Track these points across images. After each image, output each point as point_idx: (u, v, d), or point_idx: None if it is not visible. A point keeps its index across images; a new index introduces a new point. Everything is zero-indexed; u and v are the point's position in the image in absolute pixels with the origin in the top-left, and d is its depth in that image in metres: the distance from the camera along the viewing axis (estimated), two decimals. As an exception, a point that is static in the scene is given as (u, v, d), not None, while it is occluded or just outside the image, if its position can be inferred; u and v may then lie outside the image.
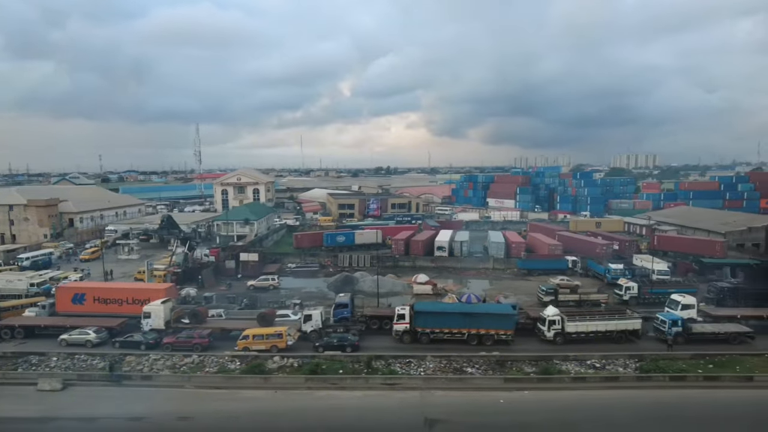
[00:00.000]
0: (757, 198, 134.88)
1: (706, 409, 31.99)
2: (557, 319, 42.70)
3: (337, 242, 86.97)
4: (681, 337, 42.49)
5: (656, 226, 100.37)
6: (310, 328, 43.02)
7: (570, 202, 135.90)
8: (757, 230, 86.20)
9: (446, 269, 75.02)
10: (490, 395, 34.14)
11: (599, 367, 38.24)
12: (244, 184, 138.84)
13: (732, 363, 38.54)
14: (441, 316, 42.48)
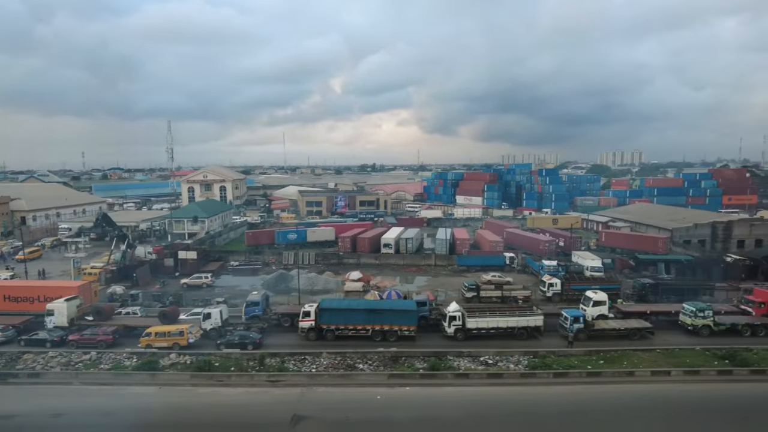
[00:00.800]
0: (719, 195, 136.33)
1: (576, 405, 32.25)
2: (458, 315, 43.00)
3: (289, 240, 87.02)
4: (583, 333, 42.92)
5: (611, 222, 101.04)
6: (210, 326, 43.12)
7: (535, 199, 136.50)
8: (703, 227, 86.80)
9: (389, 266, 75.26)
10: (371, 391, 34.36)
11: (491, 363, 38.60)
12: (210, 181, 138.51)
13: (622, 358, 38.97)
14: (345, 313, 42.69)
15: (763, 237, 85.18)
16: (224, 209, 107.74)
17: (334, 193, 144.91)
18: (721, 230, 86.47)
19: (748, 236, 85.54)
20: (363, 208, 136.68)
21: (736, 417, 30.55)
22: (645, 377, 35.92)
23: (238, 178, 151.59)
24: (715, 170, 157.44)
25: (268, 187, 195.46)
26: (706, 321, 43.28)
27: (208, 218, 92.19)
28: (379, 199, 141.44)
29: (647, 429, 29.51)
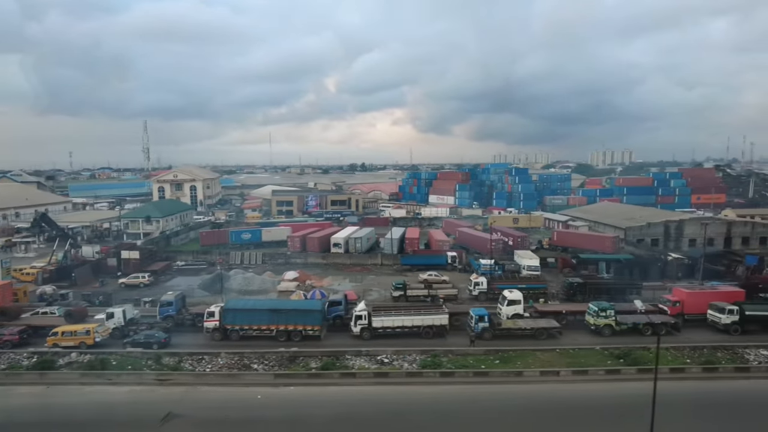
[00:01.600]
0: (688, 194, 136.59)
1: (451, 404, 32.28)
2: (363, 314, 43.07)
3: (243, 240, 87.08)
4: (488, 332, 42.99)
5: (571, 222, 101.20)
6: (113, 326, 43.15)
7: (505, 199, 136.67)
8: (656, 226, 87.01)
9: (336, 266, 75.31)
10: (254, 391, 34.47)
11: (388, 362, 38.69)
12: (180, 181, 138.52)
13: (518, 358, 39.07)
14: (249, 313, 42.76)
15: (715, 236, 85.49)
16: (183, 209, 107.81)
17: (306, 193, 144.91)
18: (674, 229, 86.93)
19: (699, 235, 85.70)
20: (334, 207, 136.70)
21: (611, 415, 30.64)
22: (534, 377, 36.01)
23: (210, 178, 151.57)
24: (685, 169, 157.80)
25: (247, 187, 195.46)
26: (607, 321, 43.37)
27: (162, 218, 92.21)
28: (350, 198, 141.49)
29: (512, 428, 29.61)
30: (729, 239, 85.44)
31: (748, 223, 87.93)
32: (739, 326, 43.18)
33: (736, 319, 43.17)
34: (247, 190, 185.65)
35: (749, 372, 36.43)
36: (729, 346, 40.78)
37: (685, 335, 44.02)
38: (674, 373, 36.33)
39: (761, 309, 43.67)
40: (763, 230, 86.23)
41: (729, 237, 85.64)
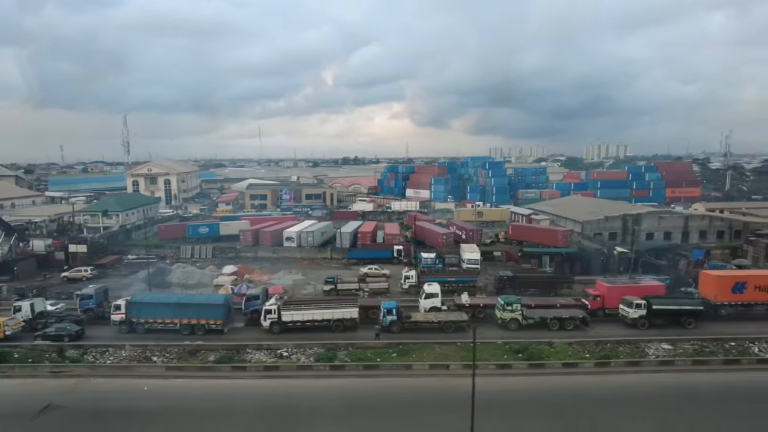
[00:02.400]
0: (663, 187, 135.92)
1: (291, 398, 32.41)
2: (273, 309, 43.25)
3: (200, 233, 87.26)
4: (396, 325, 43.11)
5: (533, 215, 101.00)
6: (21, 318, 43.50)
7: (479, 192, 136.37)
8: (613, 219, 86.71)
9: (286, 260, 75.48)
10: (144, 383, 34.80)
11: (287, 356, 38.96)
12: (155, 174, 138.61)
13: (417, 351, 39.21)
14: (154, 307, 43.08)
15: (672, 230, 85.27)
16: (147, 202, 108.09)
17: (280, 187, 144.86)
18: (631, 223, 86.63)
19: (657, 228, 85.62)
20: (309, 201, 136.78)
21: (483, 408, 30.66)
22: (423, 370, 36.22)
23: (186, 171, 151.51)
24: (661, 163, 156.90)
25: (229, 181, 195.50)
26: (513, 315, 43.41)
27: (122, 212, 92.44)
28: (325, 192, 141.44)
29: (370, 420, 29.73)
30: (686, 233, 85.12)
31: (705, 216, 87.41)
32: (647, 320, 43.16)
33: (643, 313, 43.15)
34: (228, 184, 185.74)
35: (639, 366, 36.44)
36: (633, 340, 40.82)
37: (597, 330, 44.09)
38: (567, 368, 36.45)
39: (668, 303, 43.63)
40: (720, 224, 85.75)
41: (686, 231, 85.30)
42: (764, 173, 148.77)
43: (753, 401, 30.99)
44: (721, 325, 44.83)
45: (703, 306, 44.16)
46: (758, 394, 32.14)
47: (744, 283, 47.42)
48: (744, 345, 39.97)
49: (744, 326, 44.26)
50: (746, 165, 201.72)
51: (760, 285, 47.41)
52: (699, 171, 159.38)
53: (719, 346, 39.81)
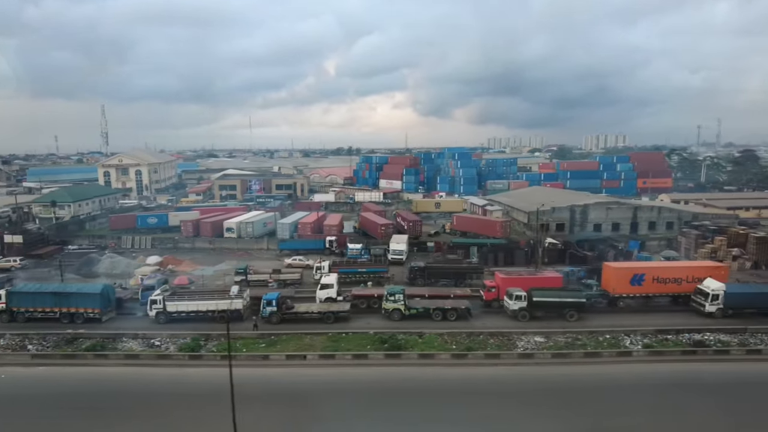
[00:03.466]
0: (634, 178, 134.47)
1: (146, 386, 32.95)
2: (158, 299, 43.63)
3: (149, 224, 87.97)
4: (275, 316, 43.29)
5: (488, 206, 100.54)
6: None
7: (448, 183, 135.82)
8: (561, 210, 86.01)
9: (223, 250, 75.90)
10: (4, 370, 35.41)
11: (158, 345, 39.43)
12: (126, 165, 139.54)
13: (288, 342, 39.45)
14: (34, 296, 43.75)
15: (621, 220, 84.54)
16: (104, 193, 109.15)
17: (249, 177, 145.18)
18: (578, 214, 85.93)
19: (605, 219, 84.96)
20: (279, 191, 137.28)
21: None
22: (280, 361, 36.46)
23: (160, 162, 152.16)
24: (633, 153, 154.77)
25: (211, 171, 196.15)
26: (396, 305, 43.41)
27: (74, 203, 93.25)
28: (295, 183, 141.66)
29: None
30: (635, 224, 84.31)
31: (654, 207, 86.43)
32: (528, 312, 42.99)
33: (524, 305, 42.95)
34: (208, 174, 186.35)
35: (498, 359, 36.36)
36: (507, 332, 40.71)
37: (483, 321, 44.00)
38: (423, 359, 36.51)
39: (550, 295, 43.34)
40: (669, 215, 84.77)
41: (635, 222, 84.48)
42: (740, 164, 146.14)
43: (584, 392, 30.90)
44: (612, 317, 44.62)
45: (585, 298, 43.82)
46: (592, 385, 31.98)
47: (642, 275, 47.06)
48: (618, 338, 39.69)
49: (634, 318, 44.04)
50: (736, 155, 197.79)
51: (659, 277, 47.10)
52: (677, 161, 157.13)
53: (593, 338, 39.61)
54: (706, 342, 38.81)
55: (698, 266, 49.67)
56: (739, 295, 43.87)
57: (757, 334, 40.21)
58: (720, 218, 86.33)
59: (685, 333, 40.25)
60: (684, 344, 38.53)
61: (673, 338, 39.56)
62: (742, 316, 43.34)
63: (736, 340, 39.22)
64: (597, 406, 29.26)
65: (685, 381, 32.50)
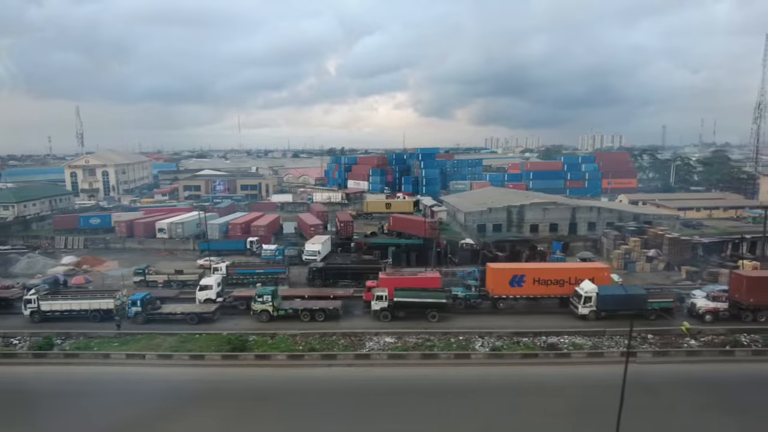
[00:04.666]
0: (598, 178, 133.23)
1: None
2: (33, 298, 44.06)
3: (91, 225, 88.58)
4: (140, 316, 43.37)
5: (436, 207, 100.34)
6: None
7: (412, 183, 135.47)
8: (498, 211, 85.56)
9: (149, 250, 76.38)
10: None
11: (16, 343, 39.86)
12: (93, 166, 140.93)
13: (141, 341, 39.60)
14: None
15: (559, 221, 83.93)
16: (55, 193, 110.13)
17: (213, 178, 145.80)
18: (515, 214, 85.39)
19: (542, 220, 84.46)
20: (244, 192, 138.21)
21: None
22: (120, 360, 36.68)
23: (129, 163, 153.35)
24: (600, 153, 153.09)
25: (189, 171, 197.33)
26: (264, 306, 43.41)
27: (18, 203, 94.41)
28: (260, 183, 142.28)
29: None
30: (574, 224, 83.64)
31: (594, 208, 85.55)
32: (389, 312, 42.82)
33: (385, 305, 42.77)
34: (185, 175, 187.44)
35: (334, 360, 36.24)
36: (361, 333, 40.60)
37: (353, 321, 43.89)
38: (260, 359, 36.54)
39: (410, 296, 43.13)
40: (609, 215, 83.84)
41: (574, 222, 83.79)
42: (709, 164, 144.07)
43: (381, 395, 30.75)
44: (483, 318, 44.40)
45: (446, 299, 43.48)
46: (398, 388, 31.81)
47: (522, 276, 46.68)
48: (471, 339, 39.41)
49: (507, 320, 43.83)
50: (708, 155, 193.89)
51: (540, 278, 46.67)
52: (649, 162, 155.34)
53: (445, 340, 39.34)
54: (558, 345, 38.40)
55: (580, 268, 49.18)
56: (611, 297, 43.31)
57: (615, 336, 39.80)
58: (662, 219, 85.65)
59: (543, 336, 39.88)
60: (537, 347, 38.16)
61: (528, 341, 39.18)
62: (615, 318, 42.96)
63: (591, 343, 38.77)
64: (384, 409, 28.82)
65: (498, 384, 32.26)
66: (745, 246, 71.33)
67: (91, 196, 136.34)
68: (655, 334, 39.97)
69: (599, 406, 25.50)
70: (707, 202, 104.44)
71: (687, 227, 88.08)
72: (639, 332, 39.89)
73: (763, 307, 42.53)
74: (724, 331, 39.98)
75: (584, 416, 27.37)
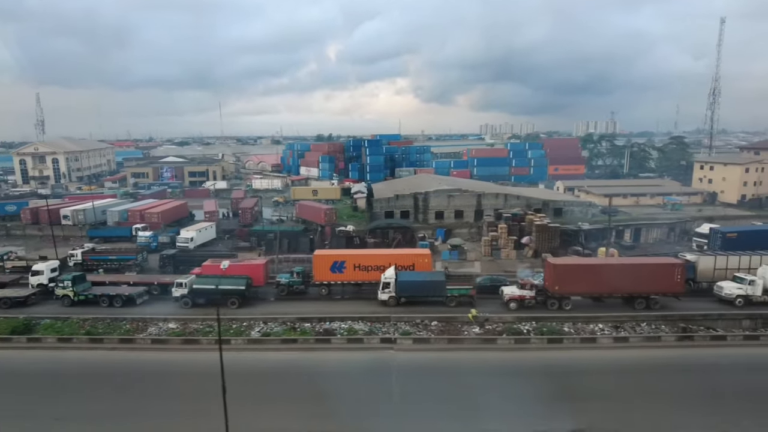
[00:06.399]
0: (545, 165, 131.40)
1: None
2: None
3: (7, 212, 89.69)
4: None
5: (356, 195, 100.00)
6: None
7: (358, 170, 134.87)
8: (404, 197, 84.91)
9: (46, 237, 77.02)
10: None
11: None
12: (42, 153, 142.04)
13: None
14: None
15: (464, 208, 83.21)
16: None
17: (161, 164, 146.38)
18: (421, 201, 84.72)
19: (447, 207, 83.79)
20: (192, 178, 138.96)
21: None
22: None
23: (82, 150, 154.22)
24: (548, 140, 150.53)
25: (155, 158, 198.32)
26: (65, 291, 43.72)
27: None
28: (208, 170, 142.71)
29: None
30: (480, 211, 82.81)
31: (500, 195, 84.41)
32: (189, 299, 42.97)
33: (185, 292, 42.91)
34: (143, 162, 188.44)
35: (102, 343, 36.61)
36: (149, 319, 40.88)
37: (156, 308, 44.02)
38: (31, 342, 36.84)
39: (208, 282, 43.29)
40: (516, 202, 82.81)
41: (480, 209, 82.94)
42: (663, 151, 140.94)
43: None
44: (297, 304, 44.32)
45: (245, 287, 43.28)
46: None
47: (343, 262, 46.45)
48: (253, 325, 39.37)
49: (321, 306, 43.75)
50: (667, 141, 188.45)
51: (360, 264, 46.40)
52: (609, 148, 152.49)
53: (228, 326, 39.32)
54: (335, 330, 38.22)
55: (402, 254, 48.73)
56: (409, 283, 42.99)
57: (399, 323, 39.43)
58: (574, 205, 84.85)
59: (327, 321, 39.71)
60: (312, 333, 38.02)
61: (309, 326, 39.07)
62: (416, 303, 42.72)
63: (366, 329, 38.51)
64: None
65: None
66: (629, 234, 70.47)
67: (41, 184, 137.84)
68: (443, 321, 39.54)
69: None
70: (637, 188, 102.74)
71: (604, 214, 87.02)
72: (426, 318, 39.63)
73: (568, 296, 41.97)
74: (512, 319, 39.45)
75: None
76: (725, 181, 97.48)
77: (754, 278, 41.99)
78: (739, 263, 45.94)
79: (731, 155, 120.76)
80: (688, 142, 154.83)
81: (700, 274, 46.02)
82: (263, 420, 25.15)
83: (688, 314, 39.79)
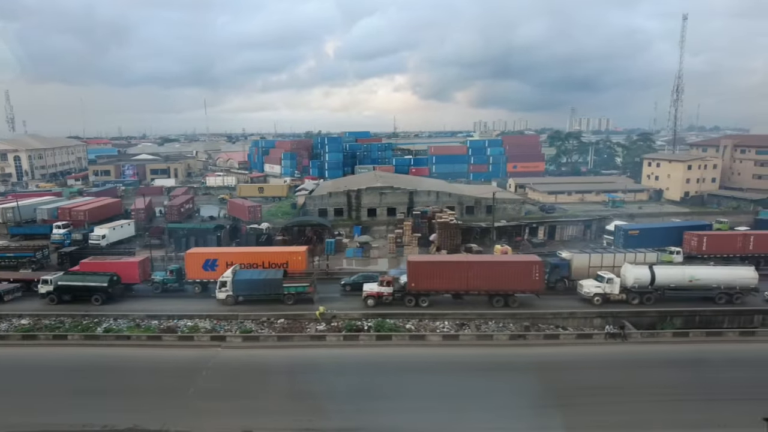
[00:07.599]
0: (503, 162, 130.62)
1: None
2: None
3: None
4: None
5: (299, 192, 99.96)
6: None
7: (318, 167, 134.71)
8: (338, 195, 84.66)
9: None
10: None
11: None
12: (4, 151, 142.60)
13: None
14: None
15: (397, 205, 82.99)
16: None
17: (123, 162, 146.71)
18: (354, 199, 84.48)
19: (379, 204, 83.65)
20: (154, 176, 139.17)
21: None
22: None
23: (46, 148, 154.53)
24: (507, 137, 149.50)
25: (128, 156, 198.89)
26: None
27: None
28: (169, 167, 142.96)
29: None
30: (411, 208, 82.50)
31: (432, 192, 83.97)
32: (55, 296, 43.08)
33: (50, 288, 43.05)
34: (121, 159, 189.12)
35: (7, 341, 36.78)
36: (5, 315, 40.90)
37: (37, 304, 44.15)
38: None
39: (75, 279, 43.63)
40: (448, 199, 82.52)
41: (411, 206, 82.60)
42: (628, 148, 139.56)
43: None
44: (155, 302, 44.20)
45: (107, 283, 43.18)
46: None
47: (215, 260, 46.34)
48: (101, 322, 39.37)
49: (177, 304, 43.53)
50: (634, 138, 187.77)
51: (231, 262, 46.18)
52: (575, 145, 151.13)
53: (76, 323, 39.39)
54: (177, 327, 38.14)
55: (275, 251, 48.55)
56: (246, 281, 42.70)
57: (246, 321, 39.22)
58: (506, 203, 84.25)
59: (174, 319, 39.65)
60: (157, 330, 37.97)
61: (156, 324, 39.04)
62: (252, 302, 42.49)
63: (210, 326, 38.38)
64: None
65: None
66: (544, 230, 69.94)
67: (3, 181, 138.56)
68: (290, 318, 39.32)
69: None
70: (584, 186, 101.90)
71: (542, 211, 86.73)
72: (273, 316, 39.45)
73: (426, 293, 41.64)
74: (359, 316, 39.18)
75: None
76: (670, 178, 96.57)
77: (612, 276, 41.55)
78: (613, 261, 45.51)
79: (682, 153, 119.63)
80: (654, 138, 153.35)
81: (574, 271, 45.60)
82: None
83: (539, 312, 39.42)
